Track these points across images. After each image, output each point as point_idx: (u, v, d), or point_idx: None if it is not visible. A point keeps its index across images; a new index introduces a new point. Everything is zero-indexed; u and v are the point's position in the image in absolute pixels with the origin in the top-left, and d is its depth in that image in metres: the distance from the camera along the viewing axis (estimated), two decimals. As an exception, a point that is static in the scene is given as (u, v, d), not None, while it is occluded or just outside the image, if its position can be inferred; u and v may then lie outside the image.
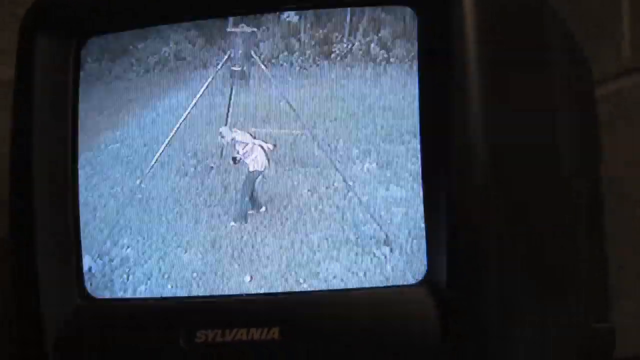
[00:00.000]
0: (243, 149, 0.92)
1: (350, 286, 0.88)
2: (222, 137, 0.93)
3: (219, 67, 0.95)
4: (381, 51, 0.90)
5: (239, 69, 0.94)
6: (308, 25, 0.92)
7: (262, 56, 0.93)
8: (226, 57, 0.94)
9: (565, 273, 0.91)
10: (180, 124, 0.95)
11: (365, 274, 0.88)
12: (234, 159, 0.92)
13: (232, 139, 0.92)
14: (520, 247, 0.85)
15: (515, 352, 0.84)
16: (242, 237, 0.92)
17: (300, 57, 0.93)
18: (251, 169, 0.92)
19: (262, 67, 0.93)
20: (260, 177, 0.93)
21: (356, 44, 0.91)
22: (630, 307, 1.10)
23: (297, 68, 0.93)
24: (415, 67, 0.87)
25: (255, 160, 0.92)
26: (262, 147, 0.92)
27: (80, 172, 0.97)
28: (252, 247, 0.91)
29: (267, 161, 0.92)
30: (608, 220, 1.07)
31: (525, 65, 0.88)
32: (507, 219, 0.84)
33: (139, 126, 0.97)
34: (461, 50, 0.84)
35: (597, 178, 1.07)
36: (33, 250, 0.93)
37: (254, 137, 0.92)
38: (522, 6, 0.89)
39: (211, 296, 0.92)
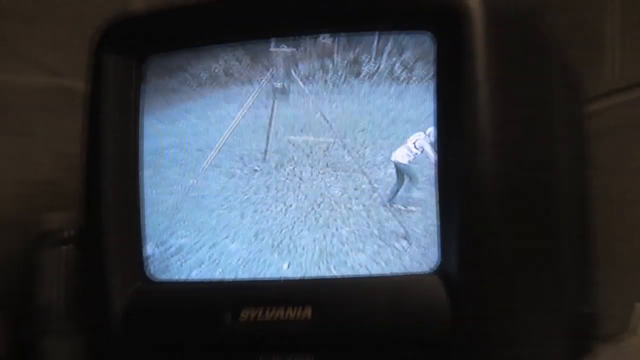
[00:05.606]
0: None
1: (373, 273, 0.92)
2: None
3: (262, 83, 0.98)
4: (404, 71, 0.93)
5: (280, 85, 0.97)
6: (341, 47, 0.95)
7: (301, 74, 0.96)
8: (269, 74, 0.97)
9: (561, 263, 0.95)
10: (229, 133, 0.99)
11: (386, 263, 0.92)
12: None
13: None
14: (520, 242, 0.89)
15: (517, 333, 0.88)
16: (281, 230, 0.95)
17: (334, 76, 0.95)
18: None
19: (301, 84, 0.96)
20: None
21: (382, 64, 0.94)
22: (613, 294, 1.12)
23: (331, 85, 0.95)
24: (432, 86, 0.91)
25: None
26: None
27: (145, 172, 1.00)
28: (290, 238, 0.95)
29: None
30: (597, 220, 1.10)
31: (528, 84, 0.92)
32: (510, 219, 0.88)
33: (194, 133, 1.00)
34: (471, 69, 0.87)
35: (587, 184, 1.11)
36: (103, 239, 0.97)
37: None
38: (524, 32, 0.94)
39: (254, 280, 0.95)
